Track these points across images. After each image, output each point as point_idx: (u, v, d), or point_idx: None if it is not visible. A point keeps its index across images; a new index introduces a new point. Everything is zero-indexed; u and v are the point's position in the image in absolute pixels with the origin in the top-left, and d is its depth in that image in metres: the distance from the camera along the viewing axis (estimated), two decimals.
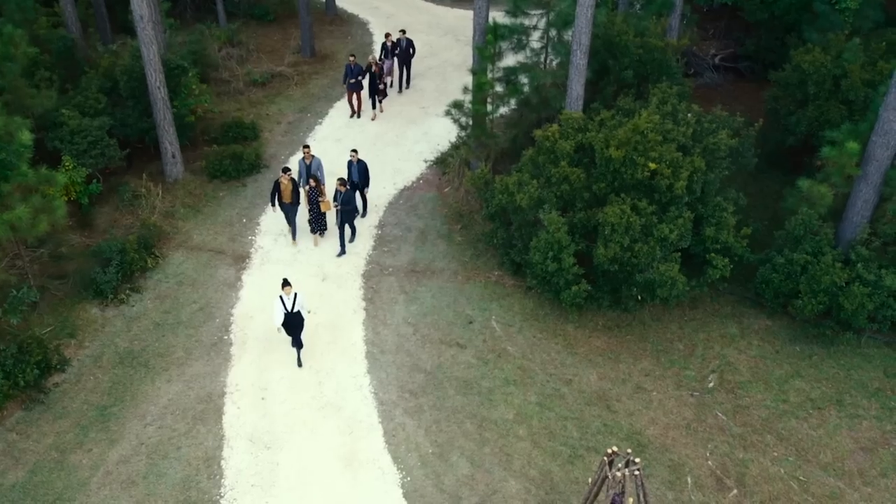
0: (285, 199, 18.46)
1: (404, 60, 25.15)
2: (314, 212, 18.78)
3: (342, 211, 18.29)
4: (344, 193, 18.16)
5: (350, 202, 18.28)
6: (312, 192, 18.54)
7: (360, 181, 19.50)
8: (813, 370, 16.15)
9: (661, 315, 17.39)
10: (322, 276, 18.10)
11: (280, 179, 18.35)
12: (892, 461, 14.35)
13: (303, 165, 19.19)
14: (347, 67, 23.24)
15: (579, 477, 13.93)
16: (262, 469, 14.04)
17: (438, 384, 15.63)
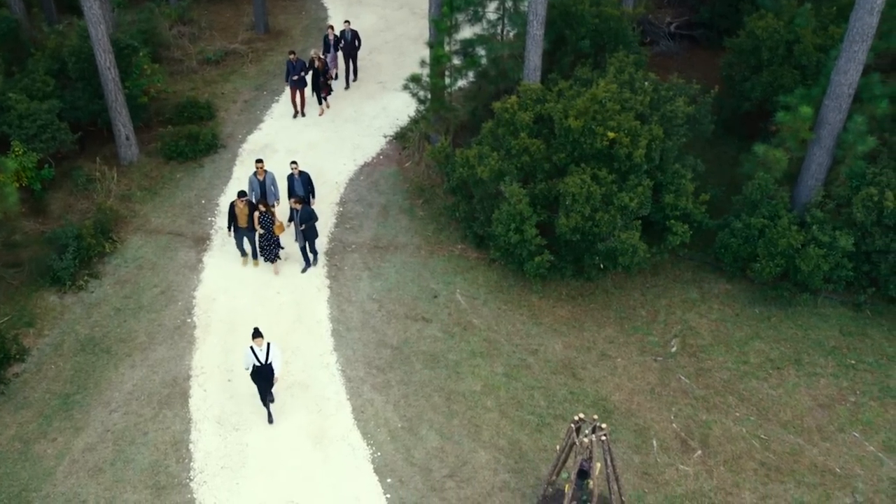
0: (241, 224, 17.17)
1: (349, 54, 23.51)
2: (266, 238, 17.20)
3: (306, 230, 17.08)
4: (301, 210, 16.87)
5: (311, 217, 16.99)
6: (264, 219, 17.00)
7: (304, 194, 18.09)
8: (772, 331, 16.50)
9: (623, 283, 17.60)
10: (284, 255, 17.96)
11: (235, 203, 17.01)
12: (848, 417, 14.77)
13: (255, 182, 17.83)
14: (289, 63, 21.85)
15: (547, 445, 14.12)
16: (232, 451, 13.99)
17: (405, 359, 15.68)
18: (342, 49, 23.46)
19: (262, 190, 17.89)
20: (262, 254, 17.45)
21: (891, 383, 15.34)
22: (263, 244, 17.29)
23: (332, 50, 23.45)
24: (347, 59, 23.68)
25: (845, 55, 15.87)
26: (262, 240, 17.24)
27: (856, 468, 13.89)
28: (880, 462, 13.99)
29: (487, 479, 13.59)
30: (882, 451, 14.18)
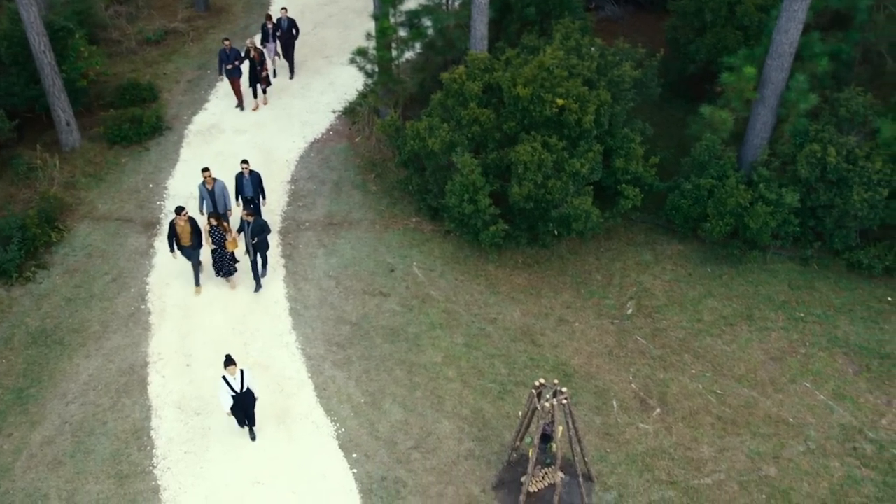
0: (184, 243, 15.87)
1: (286, 44, 22.36)
2: (219, 254, 16.08)
3: (258, 243, 16.00)
4: (253, 223, 15.78)
5: (264, 229, 15.93)
6: (216, 232, 15.78)
7: (254, 195, 17.22)
8: (724, 289, 16.85)
9: (578, 248, 17.78)
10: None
11: (175, 222, 15.70)
12: (799, 368, 15.21)
13: (204, 191, 16.66)
14: (222, 53, 20.68)
15: (510, 411, 14.29)
16: (194, 435, 13.88)
17: (365, 334, 15.67)
18: (279, 38, 22.29)
19: (212, 200, 16.75)
20: (217, 270, 16.27)
21: (838, 334, 15.82)
22: (217, 260, 16.16)
23: (272, 40, 22.30)
24: (285, 49, 22.47)
25: (785, 14, 16.11)
26: (215, 256, 16.10)
27: (807, 417, 14.34)
28: (830, 410, 14.46)
29: (452, 448, 13.72)
30: (832, 399, 14.64)
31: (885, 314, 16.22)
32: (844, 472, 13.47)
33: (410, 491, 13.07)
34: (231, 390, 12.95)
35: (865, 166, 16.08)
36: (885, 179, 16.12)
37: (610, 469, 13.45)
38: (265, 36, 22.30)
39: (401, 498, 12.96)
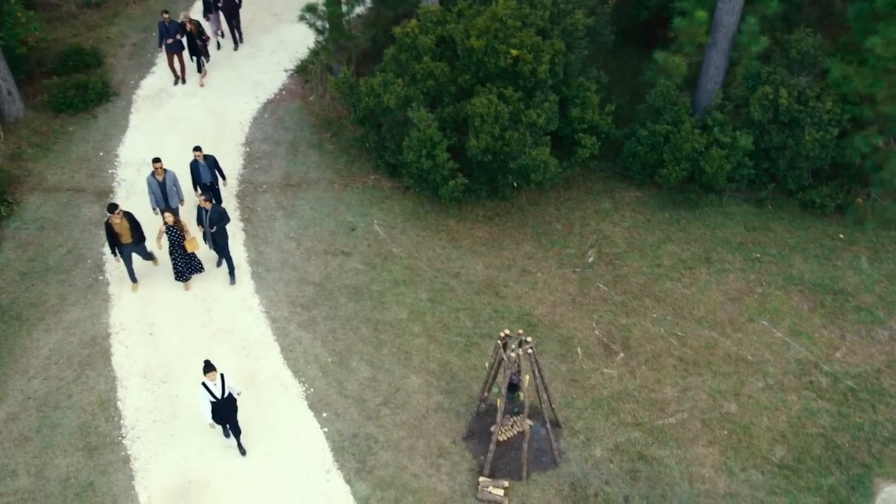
0: (124, 240, 14.82)
1: (230, 14, 21.26)
2: (179, 255, 15.10)
3: (217, 232, 15.12)
4: (211, 210, 14.86)
5: (222, 217, 15.04)
6: (173, 232, 14.77)
7: (213, 180, 16.40)
8: (682, 233, 17.10)
9: (537, 199, 17.85)
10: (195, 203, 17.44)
11: (111, 220, 14.55)
12: (757, 307, 15.57)
13: (155, 184, 15.73)
14: (161, 26, 19.69)
15: (477, 363, 14.45)
16: (162, 404, 13.81)
17: (329, 294, 15.64)
18: (222, 9, 21.31)
19: (163, 192, 15.85)
20: (179, 274, 15.29)
21: (793, 272, 16.20)
22: (179, 263, 15.20)
23: (213, 10, 21.37)
24: (229, 20, 21.45)
25: None
26: (176, 259, 15.14)
27: (766, 354, 14.73)
28: (787, 346, 14.87)
29: (421, 402, 13.86)
30: (788, 335, 15.05)
31: (838, 251, 16.63)
32: (802, 404, 13.91)
33: (382, 446, 13.20)
34: (212, 396, 12.28)
35: (816, 107, 16.31)
36: (835, 119, 16.38)
37: (577, 414, 13.72)
38: (207, 7, 21.36)
39: (373, 454, 13.09)
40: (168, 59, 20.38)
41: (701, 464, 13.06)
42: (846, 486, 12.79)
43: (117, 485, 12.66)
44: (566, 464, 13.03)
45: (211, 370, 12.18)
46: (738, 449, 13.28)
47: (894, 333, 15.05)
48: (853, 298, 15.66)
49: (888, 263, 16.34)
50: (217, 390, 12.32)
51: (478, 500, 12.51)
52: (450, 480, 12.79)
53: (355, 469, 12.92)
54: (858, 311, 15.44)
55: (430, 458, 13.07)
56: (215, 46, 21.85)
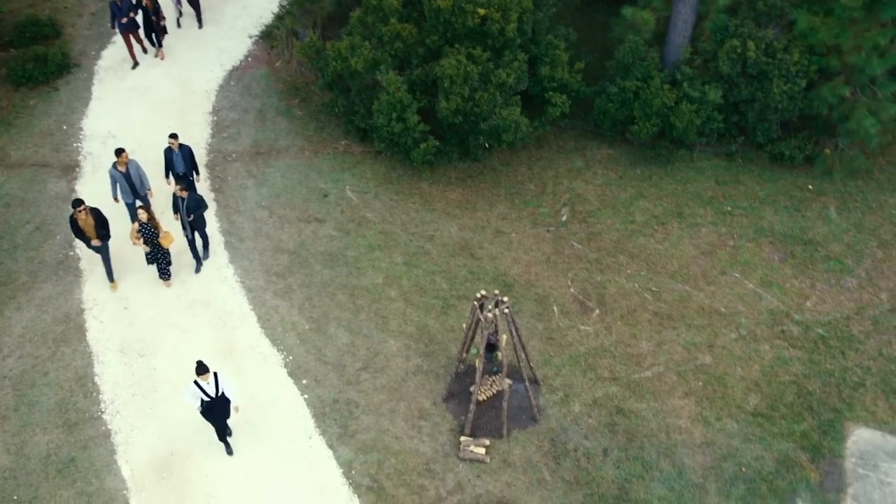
0: (91, 237, 14.36)
1: None
2: (156, 253, 14.63)
3: (195, 219, 14.72)
4: (188, 198, 14.41)
5: (199, 205, 14.63)
6: (146, 230, 14.23)
7: (187, 170, 15.84)
8: (654, 189, 17.20)
9: (509, 159, 17.83)
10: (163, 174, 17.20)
11: (76, 216, 14.00)
12: (728, 260, 15.77)
13: (118, 176, 15.04)
14: (112, 5, 18.86)
15: (454, 325, 14.53)
16: (140, 378, 13.76)
17: (304, 262, 15.59)
18: None
19: (128, 183, 15.16)
20: (161, 273, 14.95)
21: (763, 224, 16.39)
22: (159, 261, 14.75)
23: None
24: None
25: None
26: (153, 258, 14.70)
27: (738, 306, 14.96)
28: (759, 297, 15.10)
29: (400, 365, 13.93)
30: (760, 286, 15.28)
31: (807, 202, 16.83)
32: (774, 353, 14.18)
33: (363, 410, 13.29)
34: (205, 395, 11.89)
35: (784, 59, 16.37)
36: (802, 71, 16.46)
37: (555, 371, 13.88)
38: None
39: (354, 418, 13.18)
40: (124, 40, 19.44)
41: (677, 415, 13.31)
42: (818, 430, 13.11)
43: (99, 459, 12.65)
44: (546, 420, 13.21)
45: (204, 371, 11.71)
46: (713, 399, 13.53)
47: (862, 281, 15.33)
48: (822, 248, 15.90)
49: (856, 213, 16.59)
50: (210, 389, 11.91)
51: (460, 460, 12.67)
52: (431, 441, 12.93)
53: (337, 434, 13.01)
54: (828, 260, 15.69)
55: (411, 421, 13.19)
56: (175, 24, 21.15)
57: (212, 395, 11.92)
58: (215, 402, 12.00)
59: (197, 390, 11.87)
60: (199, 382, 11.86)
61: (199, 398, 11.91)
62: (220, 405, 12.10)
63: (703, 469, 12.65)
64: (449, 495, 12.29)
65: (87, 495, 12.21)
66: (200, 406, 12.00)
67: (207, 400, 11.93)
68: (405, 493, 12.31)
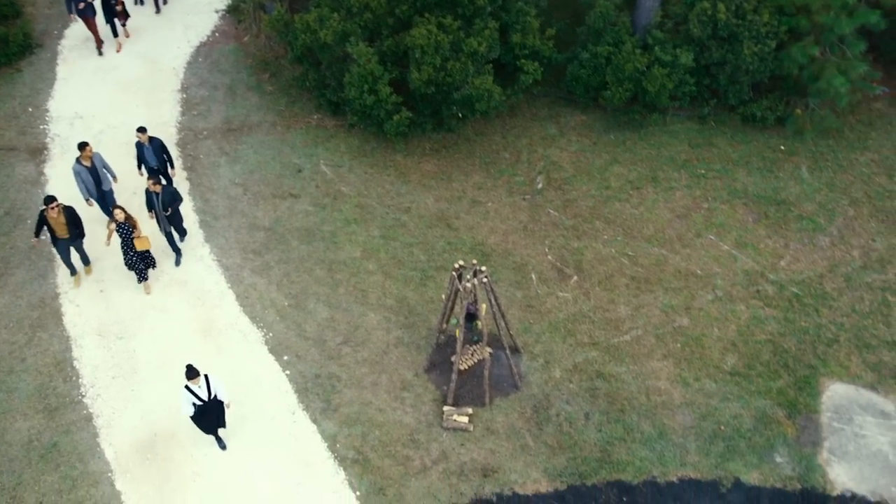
0: (60, 235, 13.85)
1: None
2: (132, 254, 14.04)
3: (172, 214, 14.34)
4: (163, 192, 13.97)
5: (175, 198, 14.23)
6: (123, 230, 13.76)
7: (159, 164, 15.34)
8: (628, 154, 17.25)
9: (483, 129, 17.78)
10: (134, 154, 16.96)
11: (46, 214, 13.51)
12: (703, 222, 15.90)
13: (84, 171, 14.50)
14: None
15: (433, 296, 14.55)
16: (120, 360, 13.67)
17: (280, 238, 15.50)
18: None
19: (93, 178, 14.63)
20: (139, 276, 14.32)
21: (737, 186, 16.52)
22: (131, 261, 14.15)
23: None
24: None
25: None
26: (128, 257, 14.09)
27: (714, 267, 15.11)
28: (734, 258, 15.26)
29: (381, 338, 13.96)
30: (735, 248, 15.43)
31: (779, 162, 16.97)
32: (750, 313, 14.37)
33: (345, 384, 13.33)
34: (198, 399, 11.55)
35: (754, 20, 16.40)
36: (772, 31, 16.50)
37: (535, 339, 13.98)
38: None
39: (336, 392, 13.21)
40: (86, 24, 18.86)
41: (657, 377, 13.48)
42: (794, 387, 13.34)
43: (82, 443, 12.60)
44: (527, 387, 13.33)
45: (195, 375, 11.32)
46: (691, 360, 13.71)
47: (835, 239, 15.54)
48: (795, 208, 16.07)
49: (827, 172, 16.76)
50: (202, 393, 11.55)
51: (443, 429, 12.77)
52: (415, 412, 13.01)
53: (321, 408, 13.04)
54: (801, 219, 15.87)
55: (393, 392, 13.25)
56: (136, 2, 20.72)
57: (204, 398, 11.57)
58: (208, 405, 11.68)
59: (190, 396, 11.49)
60: (191, 387, 11.48)
61: (192, 403, 11.54)
62: (213, 408, 11.80)
63: (683, 429, 12.85)
64: (434, 464, 12.40)
65: (71, 479, 12.18)
66: (193, 410, 11.63)
67: (200, 404, 11.60)
68: (390, 463, 12.40)
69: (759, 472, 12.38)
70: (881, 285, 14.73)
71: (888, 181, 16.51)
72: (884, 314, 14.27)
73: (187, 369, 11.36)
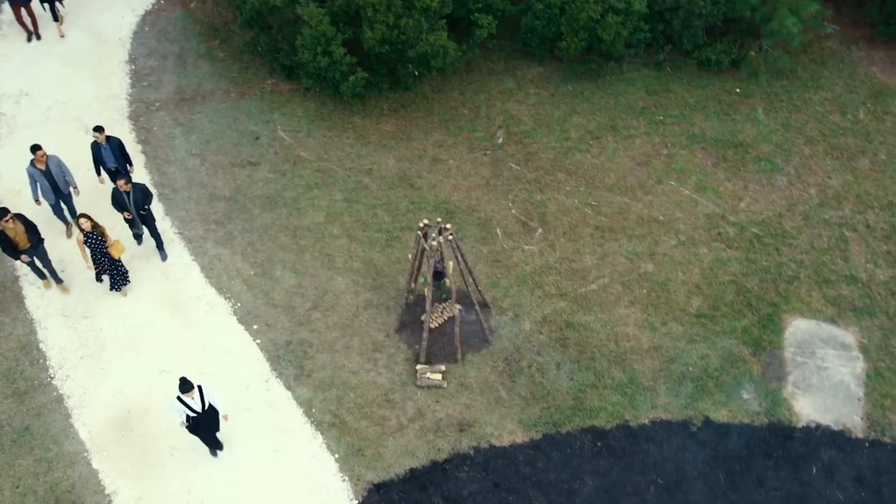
0: (22, 246, 13.15)
1: None
2: (105, 263, 13.30)
3: (148, 213, 13.68)
4: (134, 190, 13.30)
5: (147, 195, 13.52)
6: (92, 239, 12.92)
7: (118, 163, 14.41)
8: (586, 104, 17.26)
9: (440, 86, 17.64)
10: (85, 129, 16.58)
11: (3, 228, 12.78)
12: (664, 169, 16.03)
13: (39, 175, 13.69)
14: None
15: (400, 256, 14.56)
16: (87, 339, 13.52)
17: (242, 207, 15.33)
18: None
19: (50, 183, 13.80)
20: (113, 283, 13.76)
21: (695, 130, 16.65)
22: (111, 273, 13.55)
23: None
24: None
25: None
26: (101, 267, 13.39)
27: (676, 212, 15.29)
28: (695, 202, 15.44)
29: (350, 301, 13.96)
30: (695, 192, 15.61)
31: (735, 105, 17.12)
32: (713, 256, 14.60)
33: (317, 349, 13.34)
34: (191, 411, 11.14)
35: None
36: None
37: (503, 293, 14.08)
38: None
39: (309, 357, 13.23)
40: (14, 12, 17.81)
41: (625, 323, 13.69)
42: (758, 325, 13.65)
43: (55, 425, 12.50)
44: (498, 341, 13.47)
45: (189, 388, 10.84)
46: (657, 305, 13.94)
47: (792, 179, 15.79)
48: (753, 150, 16.27)
49: (783, 112, 16.95)
50: (196, 405, 11.15)
51: (418, 388, 12.88)
52: (388, 372, 13.09)
53: (294, 375, 13.06)
54: (758, 161, 16.08)
55: (366, 354, 13.30)
56: None
57: (198, 410, 11.20)
58: (203, 416, 11.31)
59: (181, 406, 11.08)
60: (184, 398, 11.05)
61: (184, 414, 11.17)
62: (208, 419, 11.47)
63: (653, 372, 13.11)
64: (410, 423, 12.53)
65: (46, 461, 12.10)
66: (187, 422, 11.30)
67: (194, 416, 11.23)
68: (367, 424, 12.50)
69: (728, 409, 12.71)
70: (838, 221, 15.04)
71: (841, 118, 16.77)
72: (842, 249, 14.60)
73: (181, 382, 10.85)
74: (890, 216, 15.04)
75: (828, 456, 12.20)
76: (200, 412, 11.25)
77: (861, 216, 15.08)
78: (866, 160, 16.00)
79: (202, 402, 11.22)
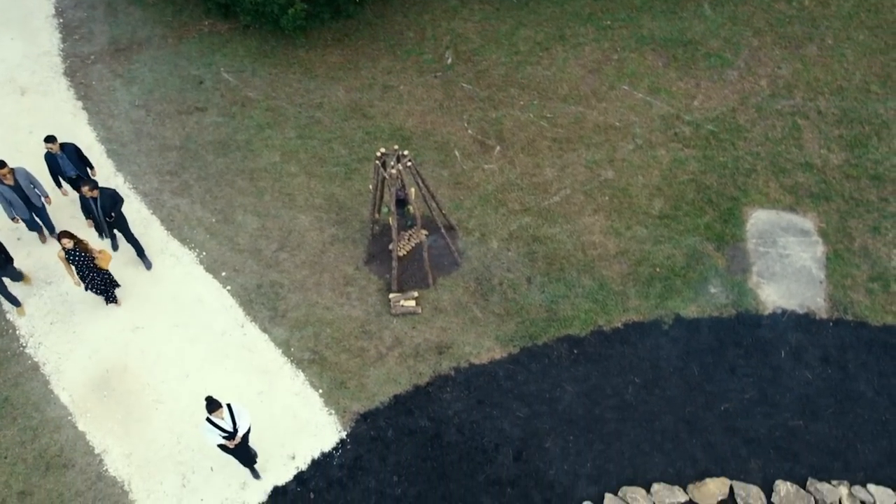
0: None
1: None
2: (92, 277, 12.54)
3: (117, 218, 12.92)
4: (101, 196, 12.48)
5: (116, 200, 12.70)
6: (76, 255, 12.08)
7: (79, 169, 13.49)
8: (533, 16, 17.01)
9: (383, 10, 17.24)
10: (20, 91, 16.00)
11: None
12: (615, 74, 15.96)
13: (7, 191, 12.85)
14: None
15: (361, 188, 14.46)
16: (54, 305, 13.35)
17: (194, 154, 15.04)
18: None
19: (21, 197, 13.03)
20: (107, 297, 13.08)
21: (643, 32, 16.54)
22: (99, 287, 12.78)
23: None
24: None
25: None
26: (88, 282, 12.60)
27: (631, 116, 15.31)
28: (650, 105, 15.46)
29: (316, 238, 13.91)
30: (648, 94, 15.61)
31: (682, 3, 16.99)
32: (671, 156, 14.72)
33: (288, 289, 13.33)
34: (223, 432, 10.49)
35: None
36: None
37: (468, 214, 14.12)
38: None
39: (281, 298, 13.23)
40: None
41: (590, 232, 13.84)
42: (720, 220, 13.88)
43: (34, 393, 12.43)
44: (467, 262, 13.56)
45: (217, 407, 10.21)
46: (620, 211, 14.09)
47: (743, 72, 15.83)
48: (702, 46, 16.23)
49: (729, 6, 16.87)
50: (227, 424, 10.51)
51: (393, 316, 12.99)
52: (362, 304, 13.16)
53: (269, 317, 13.08)
54: (708, 57, 16.07)
55: (337, 289, 13.34)
56: None
57: (229, 429, 10.56)
58: (235, 434, 10.67)
59: (214, 429, 10.45)
60: (213, 419, 10.42)
61: (219, 436, 10.52)
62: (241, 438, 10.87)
63: (622, 277, 13.34)
64: (389, 351, 12.68)
65: (31, 429, 12.08)
66: (230, 440, 10.63)
67: (226, 435, 10.57)
68: (347, 357, 12.63)
69: (697, 304, 13.03)
70: (790, 110, 15.19)
71: (787, 6, 16.75)
72: (795, 138, 14.80)
73: (207, 401, 10.23)
74: (840, 100, 15.22)
75: (795, 339, 12.63)
76: (231, 432, 10.56)
77: (812, 103, 15.24)
78: (814, 47, 16.08)
79: (233, 421, 10.56)
